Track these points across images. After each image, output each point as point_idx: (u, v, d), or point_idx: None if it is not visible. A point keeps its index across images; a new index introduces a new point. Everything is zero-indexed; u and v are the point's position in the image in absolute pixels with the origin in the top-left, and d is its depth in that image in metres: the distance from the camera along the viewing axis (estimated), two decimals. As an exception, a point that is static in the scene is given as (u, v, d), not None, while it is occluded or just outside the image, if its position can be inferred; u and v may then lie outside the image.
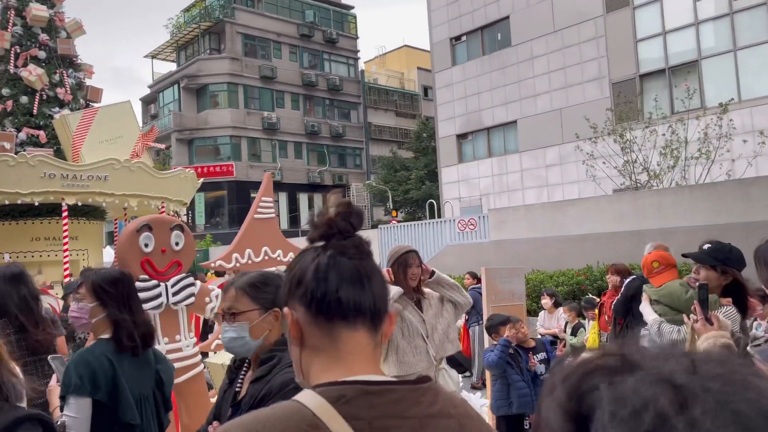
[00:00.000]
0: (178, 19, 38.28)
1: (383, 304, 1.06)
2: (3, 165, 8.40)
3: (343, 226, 1.05)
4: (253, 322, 1.93)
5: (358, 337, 1.01)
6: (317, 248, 1.07)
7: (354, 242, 1.06)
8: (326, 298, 1.00)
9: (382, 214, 39.33)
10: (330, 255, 1.03)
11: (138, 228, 3.80)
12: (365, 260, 1.05)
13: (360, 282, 1.02)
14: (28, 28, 10.31)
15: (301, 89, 38.00)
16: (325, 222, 1.06)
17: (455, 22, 25.73)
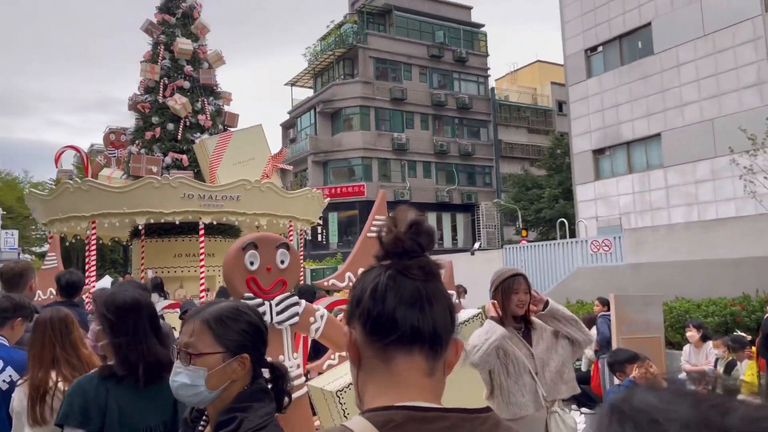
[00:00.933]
0: (315, 48, 40.34)
1: (445, 331, 1.00)
2: (149, 187, 9.16)
3: (410, 246, 1.00)
4: (212, 368, 1.55)
5: (414, 362, 0.97)
6: (381, 267, 1.02)
7: (420, 263, 0.99)
8: (382, 318, 0.96)
9: (512, 234, 38.20)
10: (390, 275, 0.99)
11: (244, 246, 3.82)
12: (430, 283, 0.99)
13: (420, 305, 0.97)
14: (175, 61, 11.27)
15: (430, 109, 38.25)
16: (392, 240, 1.01)
17: (590, 33, 24.49)
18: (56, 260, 8.56)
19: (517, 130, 42.19)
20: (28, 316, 3.39)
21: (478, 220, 38.63)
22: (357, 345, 1.00)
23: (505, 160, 40.90)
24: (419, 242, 1.00)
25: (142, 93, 11.37)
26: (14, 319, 3.29)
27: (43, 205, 9.87)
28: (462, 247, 36.24)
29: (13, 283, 4.07)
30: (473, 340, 3.10)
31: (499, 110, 41.43)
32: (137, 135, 11.19)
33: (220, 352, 1.56)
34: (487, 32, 42.62)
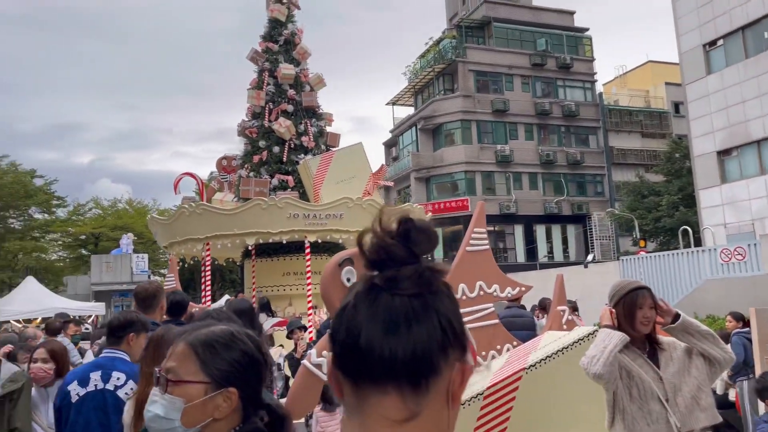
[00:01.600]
0: (415, 66, 40.70)
1: (435, 358, 0.75)
2: (257, 208, 9.49)
3: (397, 252, 0.79)
4: (191, 400, 1.29)
5: (386, 403, 0.75)
6: (367, 278, 0.80)
7: (409, 272, 0.77)
8: (347, 348, 0.76)
9: (629, 245, 36.00)
10: (362, 291, 0.78)
11: (340, 262, 3.75)
12: (420, 297, 0.76)
13: (394, 328, 0.74)
14: (278, 86, 11.70)
15: (534, 119, 37.22)
16: (374, 246, 0.81)
17: (708, 26, 22.72)
18: (174, 281, 9.04)
19: (629, 135, 39.99)
20: (140, 331, 3.51)
21: (591, 231, 36.82)
22: (336, 376, 0.79)
23: (618, 167, 38.82)
24: (409, 247, 0.80)
25: (249, 119, 11.90)
26: (128, 335, 3.41)
27: (163, 229, 10.53)
28: (574, 260, 34.66)
29: (147, 304, 4.21)
30: (590, 351, 2.80)
31: (609, 115, 39.50)
32: (246, 159, 11.69)
33: (203, 382, 1.29)
34: (592, 36, 40.94)
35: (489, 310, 5.82)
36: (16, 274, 34.88)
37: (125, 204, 43.26)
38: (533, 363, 3.46)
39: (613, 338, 2.77)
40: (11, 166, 29.30)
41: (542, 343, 3.87)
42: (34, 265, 40.43)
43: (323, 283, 3.88)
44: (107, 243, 38.85)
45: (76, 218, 40.99)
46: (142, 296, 4.21)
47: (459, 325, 0.79)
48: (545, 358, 3.47)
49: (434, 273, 0.80)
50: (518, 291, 6.00)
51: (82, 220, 41.35)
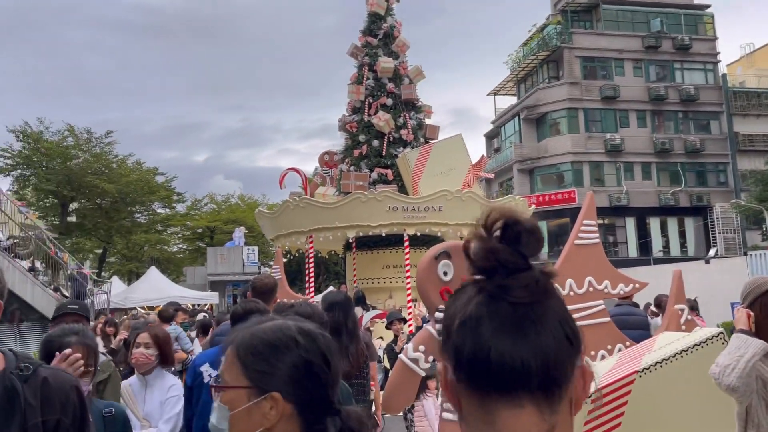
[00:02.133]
0: (517, 54, 39.54)
1: (562, 365, 0.75)
2: (357, 201, 9.59)
3: (507, 257, 0.76)
4: (234, 407, 1.18)
5: (524, 418, 0.73)
6: (474, 286, 0.79)
7: (525, 279, 0.76)
8: (474, 360, 0.74)
9: (758, 239, 32.95)
10: (482, 301, 0.76)
11: (436, 255, 3.64)
12: (539, 304, 0.75)
13: (524, 337, 0.73)
14: (378, 80, 11.75)
15: (647, 105, 34.97)
16: (482, 252, 0.78)
17: None
18: (280, 272, 9.34)
19: (757, 119, 36.54)
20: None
21: (713, 224, 34.07)
22: (455, 387, 0.78)
23: (744, 154, 35.62)
24: (519, 251, 0.77)
25: (350, 114, 12.05)
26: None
27: (269, 223, 10.92)
28: (693, 255, 32.26)
29: (264, 297, 4.28)
30: (723, 360, 2.48)
31: (733, 98, 36.30)
32: (347, 153, 11.86)
33: (244, 387, 1.18)
34: (714, 13, 37.75)
35: (599, 307, 5.46)
36: (142, 264, 37.87)
37: (237, 199, 45.64)
38: (648, 366, 3.16)
39: (750, 346, 2.44)
40: (137, 165, 31.81)
41: (658, 344, 3.53)
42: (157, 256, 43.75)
43: (419, 276, 3.78)
44: (221, 236, 41.18)
45: (193, 213, 43.79)
46: (261, 289, 4.31)
47: (575, 327, 0.79)
48: (661, 361, 3.16)
49: (548, 277, 0.78)
50: (632, 288, 5.58)
51: (199, 214, 44.10)
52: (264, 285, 4.33)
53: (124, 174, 29.54)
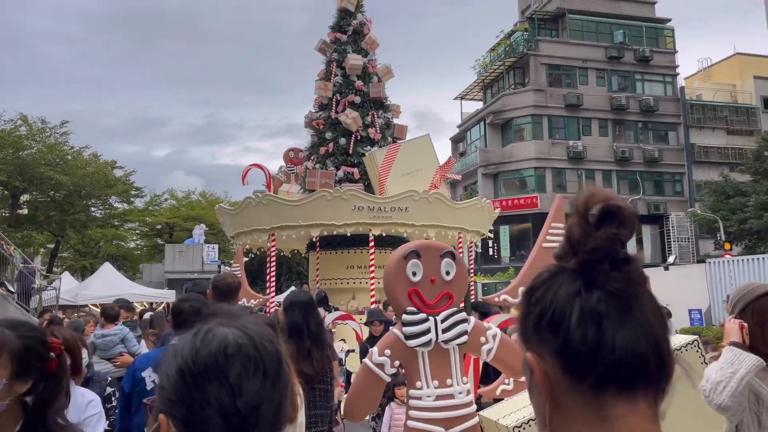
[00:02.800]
0: (485, 60, 39.86)
1: (670, 358, 0.75)
2: (322, 200, 9.37)
3: (608, 244, 0.74)
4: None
5: (639, 413, 0.74)
6: (570, 273, 0.76)
7: (636, 267, 0.74)
8: (599, 354, 0.72)
9: (711, 248, 33.96)
10: (601, 296, 0.73)
11: (405, 254, 3.48)
12: (641, 294, 0.74)
13: (640, 327, 0.73)
14: (346, 77, 11.56)
15: (609, 114, 35.69)
16: (583, 239, 0.75)
17: (808, 13, 20.90)
18: (240, 271, 9.05)
19: (712, 132, 37.72)
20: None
21: (668, 232, 34.97)
22: (551, 380, 0.76)
23: (699, 165, 36.70)
24: (620, 239, 0.74)
25: (316, 110, 11.82)
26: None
27: (230, 219, 10.60)
28: (650, 262, 33.02)
29: (226, 298, 3.99)
30: (714, 376, 2.31)
31: (690, 111, 37.38)
32: (312, 151, 11.63)
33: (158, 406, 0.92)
34: (674, 27, 38.79)
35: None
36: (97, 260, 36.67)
37: (198, 196, 44.71)
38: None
39: (744, 362, 2.28)
40: (93, 157, 30.76)
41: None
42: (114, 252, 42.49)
43: (386, 277, 3.61)
44: (181, 233, 40.28)
45: (152, 208, 42.69)
46: (222, 288, 4.03)
47: (667, 319, 0.79)
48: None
49: (641, 266, 0.76)
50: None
51: (158, 210, 43.03)
52: (227, 285, 4.03)
53: (80, 166, 28.51)
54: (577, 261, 0.75)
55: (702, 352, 3.24)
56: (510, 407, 3.11)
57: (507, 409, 3.11)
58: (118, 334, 5.53)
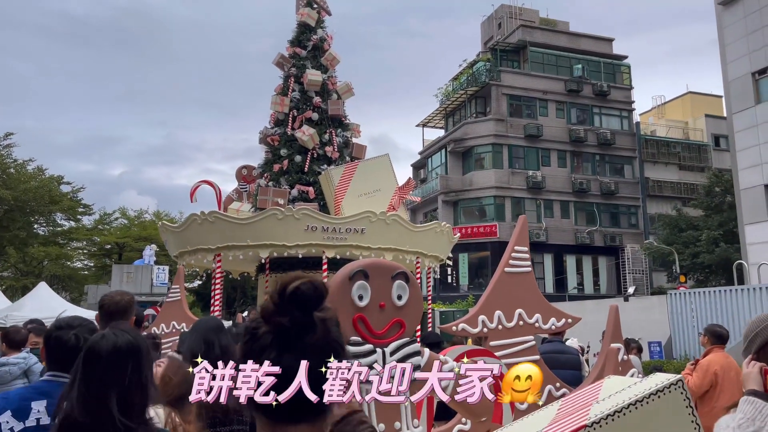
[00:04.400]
0: (447, 88, 40.15)
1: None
2: (272, 218, 8.79)
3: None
4: None
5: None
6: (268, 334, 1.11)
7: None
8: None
9: (663, 281, 34.51)
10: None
11: (351, 274, 2.98)
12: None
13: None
14: (304, 93, 11.09)
15: (568, 146, 36.23)
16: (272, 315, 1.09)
17: (759, 54, 21.66)
18: (180, 294, 8.35)
19: (666, 167, 38.70)
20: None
21: (623, 264, 35.39)
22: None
23: (653, 199, 37.50)
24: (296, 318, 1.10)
25: (272, 126, 11.30)
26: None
27: (173, 238, 9.91)
28: (605, 293, 33.28)
29: (115, 317, 3.45)
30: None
31: (645, 146, 38.33)
32: (266, 168, 11.07)
33: None
34: (631, 64, 39.93)
35: (529, 343, 4.96)
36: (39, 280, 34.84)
37: (152, 215, 43.26)
38: (597, 420, 2.63)
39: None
40: (38, 171, 29.34)
41: (605, 391, 3.01)
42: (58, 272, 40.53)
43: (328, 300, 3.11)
44: (131, 254, 38.80)
45: (102, 227, 41.05)
46: (110, 309, 3.48)
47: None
48: (614, 414, 2.64)
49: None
50: (564, 323, 5.13)
51: (108, 229, 41.40)
52: (115, 304, 3.48)
53: (23, 180, 27.10)
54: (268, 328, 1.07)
55: (687, 395, 2.83)
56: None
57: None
58: (20, 364, 4.64)
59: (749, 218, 21.31)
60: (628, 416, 2.73)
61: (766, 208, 20.78)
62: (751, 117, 21.66)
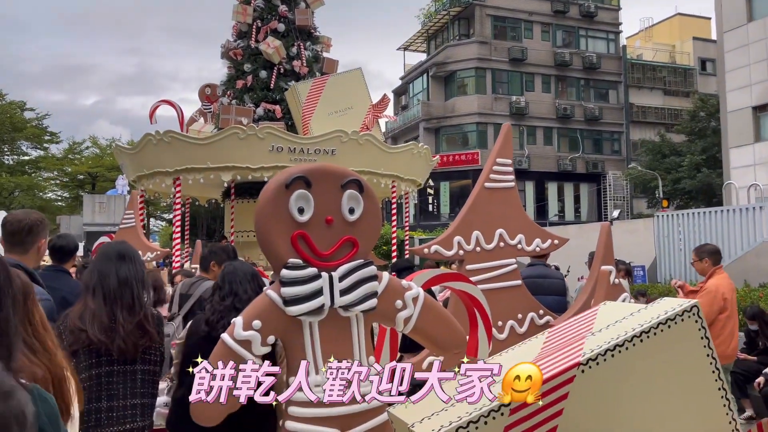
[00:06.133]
0: (429, 9, 38.37)
1: None
2: (233, 138, 8.07)
3: None
4: None
5: None
6: None
7: None
8: None
9: (644, 207, 34.47)
10: None
11: (288, 181, 2.36)
12: None
13: None
14: (268, 1, 10.09)
15: (553, 70, 35.16)
16: None
17: (754, -32, 20.58)
18: (134, 219, 7.72)
19: (651, 92, 37.94)
20: None
21: (605, 190, 35.23)
22: None
23: (637, 125, 36.96)
24: None
25: (234, 39, 10.33)
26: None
27: (129, 160, 9.16)
28: (586, 219, 33.23)
29: (16, 240, 2.99)
30: None
31: (631, 70, 37.38)
32: (229, 85, 10.20)
33: None
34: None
35: (510, 267, 4.42)
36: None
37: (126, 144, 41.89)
38: (593, 355, 2.12)
39: None
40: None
41: (600, 320, 2.49)
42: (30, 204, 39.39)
43: (259, 215, 2.47)
44: (105, 183, 37.80)
45: (72, 157, 39.72)
46: (10, 229, 2.97)
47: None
48: (613, 348, 2.13)
49: None
50: (549, 244, 4.58)
51: (79, 159, 40.09)
52: (17, 222, 2.96)
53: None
54: None
55: (702, 323, 2.32)
56: (428, 407, 2.11)
57: (425, 410, 2.11)
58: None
59: (734, 141, 20.89)
60: (632, 350, 2.17)
61: (752, 131, 20.34)
62: (742, 36, 20.82)
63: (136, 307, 2.62)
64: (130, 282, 2.63)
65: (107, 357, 2.53)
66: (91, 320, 2.51)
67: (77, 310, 2.58)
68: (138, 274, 2.67)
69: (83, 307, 2.57)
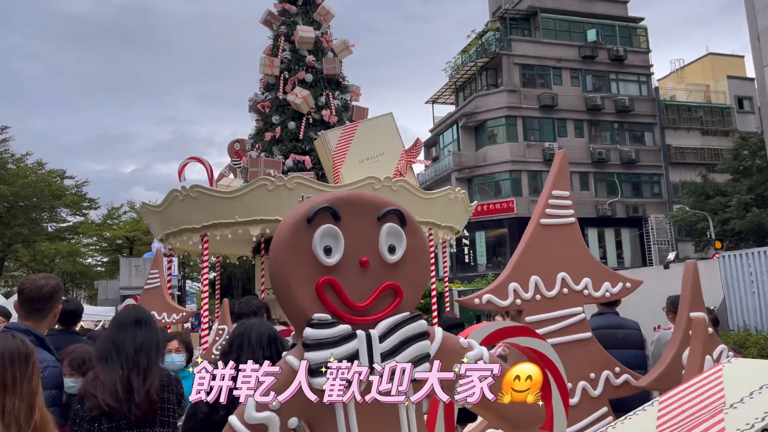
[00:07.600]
0: (456, 61, 38.68)
1: None
2: (262, 189, 7.70)
3: None
4: None
5: None
6: None
7: None
8: None
9: (690, 250, 33.01)
10: None
11: (310, 214, 1.86)
12: None
13: None
14: (295, 52, 9.94)
15: (584, 115, 34.70)
16: None
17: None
18: (158, 279, 7.33)
19: (688, 133, 37.06)
20: None
21: (648, 235, 33.97)
22: None
23: (676, 166, 35.93)
24: None
25: (262, 92, 10.17)
26: None
27: (156, 219, 8.87)
28: (629, 265, 31.91)
29: (36, 307, 2.98)
30: None
31: (666, 112, 36.67)
32: (257, 138, 9.96)
33: None
34: (647, 26, 38.15)
35: (578, 317, 3.80)
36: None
37: (156, 204, 42.57)
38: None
39: None
40: (37, 165, 28.49)
41: (729, 387, 1.85)
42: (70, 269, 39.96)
43: (275, 257, 1.97)
44: (142, 247, 38.19)
45: (111, 222, 40.46)
46: (31, 295, 2.94)
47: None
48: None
49: None
50: (621, 288, 3.97)
51: (117, 224, 40.79)
52: (38, 289, 2.93)
53: (22, 175, 26.25)
54: None
55: None
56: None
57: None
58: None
59: (787, 178, 19.78)
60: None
61: (805, 165, 19.24)
62: (784, 69, 20.08)
63: (152, 370, 2.60)
64: (145, 347, 2.63)
65: (126, 421, 2.52)
66: (102, 388, 2.52)
67: (89, 377, 2.59)
68: (153, 338, 2.67)
69: (95, 376, 2.58)
